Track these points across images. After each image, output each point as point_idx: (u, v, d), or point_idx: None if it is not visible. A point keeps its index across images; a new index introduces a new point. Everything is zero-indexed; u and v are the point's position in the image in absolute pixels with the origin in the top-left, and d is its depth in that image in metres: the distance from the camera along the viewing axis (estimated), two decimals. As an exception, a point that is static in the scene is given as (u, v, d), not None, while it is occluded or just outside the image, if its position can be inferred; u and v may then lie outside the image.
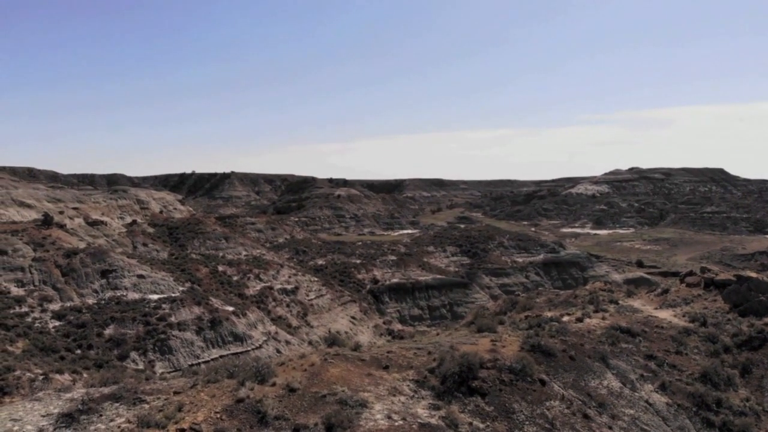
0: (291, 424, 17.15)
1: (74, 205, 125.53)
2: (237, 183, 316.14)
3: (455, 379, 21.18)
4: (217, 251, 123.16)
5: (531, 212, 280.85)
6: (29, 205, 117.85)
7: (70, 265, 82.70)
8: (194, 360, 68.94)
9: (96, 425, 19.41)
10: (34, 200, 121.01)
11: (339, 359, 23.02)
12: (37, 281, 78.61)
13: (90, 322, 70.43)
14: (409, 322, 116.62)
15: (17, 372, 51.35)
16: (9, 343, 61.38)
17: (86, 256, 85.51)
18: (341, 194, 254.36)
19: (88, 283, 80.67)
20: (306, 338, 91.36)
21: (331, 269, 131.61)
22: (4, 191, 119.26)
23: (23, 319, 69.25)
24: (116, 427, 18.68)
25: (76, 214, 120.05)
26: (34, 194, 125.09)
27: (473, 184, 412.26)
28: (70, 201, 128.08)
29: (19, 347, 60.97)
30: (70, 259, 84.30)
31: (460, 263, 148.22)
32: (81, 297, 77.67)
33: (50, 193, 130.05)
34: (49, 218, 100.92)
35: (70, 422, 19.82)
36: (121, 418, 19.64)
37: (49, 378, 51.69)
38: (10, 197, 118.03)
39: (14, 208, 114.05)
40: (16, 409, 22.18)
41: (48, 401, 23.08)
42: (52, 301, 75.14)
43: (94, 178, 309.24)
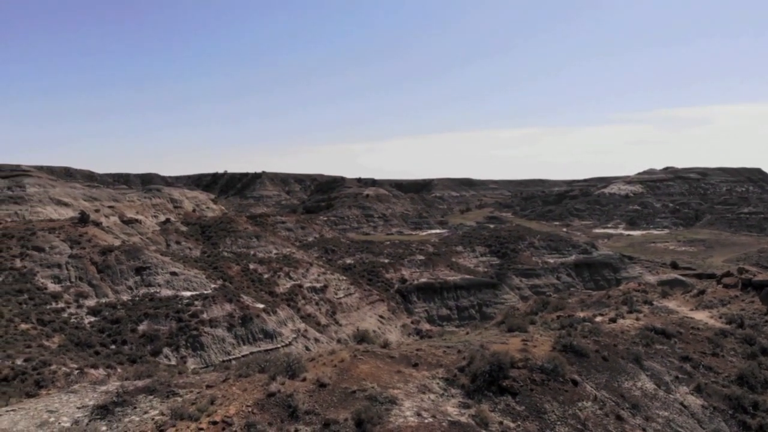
0: (321, 418, 17.24)
1: (110, 204, 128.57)
2: (268, 183, 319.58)
3: (485, 378, 20.99)
4: (248, 249, 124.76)
5: (562, 212, 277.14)
6: (66, 203, 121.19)
7: (105, 262, 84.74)
8: (225, 356, 69.98)
9: (130, 417, 19.79)
10: (71, 199, 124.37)
11: (368, 356, 23.06)
12: (73, 278, 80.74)
13: (124, 318, 72.11)
14: (437, 322, 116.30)
15: (53, 366, 52.90)
16: (45, 338, 63.22)
17: (121, 254, 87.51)
18: (370, 194, 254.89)
19: (123, 279, 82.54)
20: (335, 336, 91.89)
21: (359, 268, 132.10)
22: (42, 190, 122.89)
23: (59, 314, 71.25)
24: (150, 419, 19.02)
25: (112, 212, 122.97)
26: (71, 193, 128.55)
27: (503, 183, 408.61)
28: (105, 200, 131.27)
29: (56, 342, 62.75)
30: (105, 256, 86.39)
31: (490, 264, 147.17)
32: (116, 293, 79.52)
33: (87, 192, 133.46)
34: (86, 216, 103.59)
35: (105, 414, 20.23)
36: (155, 410, 20.01)
37: (84, 372, 53.10)
38: (48, 196, 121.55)
39: (52, 207, 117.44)
40: (52, 401, 22.76)
41: (83, 394, 23.64)
42: (88, 297, 77.10)
43: (129, 177, 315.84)
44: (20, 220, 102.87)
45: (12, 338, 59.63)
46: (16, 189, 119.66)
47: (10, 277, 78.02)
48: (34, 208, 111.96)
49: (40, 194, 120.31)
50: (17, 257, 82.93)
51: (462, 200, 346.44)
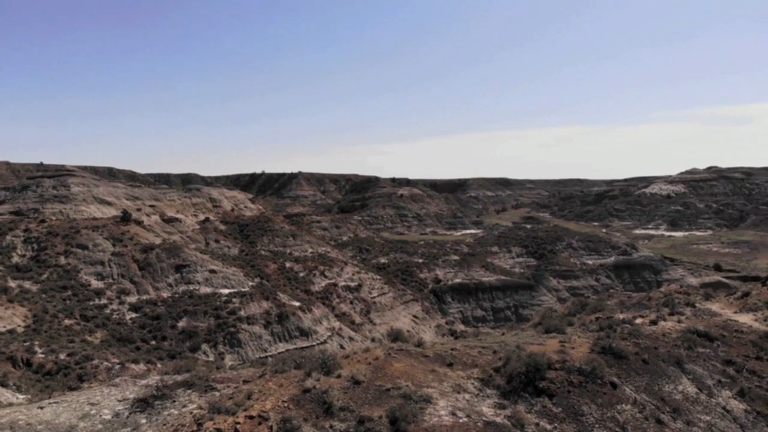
0: (356, 415, 17.29)
1: (151, 203, 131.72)
2: (304, 182, 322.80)
3: (521, 379, 20.73)
4: (284, 248, 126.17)
5: (602, 213, 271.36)
6: (109, 202, 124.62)
7: (146, 260, 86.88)
8: (262, 353, 70.90)
9: (169, 410, 20.21)
10: (114, 198, 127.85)
11: (402, 354, 23.03)
12: (115, 275, 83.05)
13: (164, 315, 73.79)
14: (472, 323, 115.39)
15: (95, 361, 54.51)
16: (88, 333, 65.21)
17: (162, 252, 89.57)
18: (404, 193, 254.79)
19: (163, 277, 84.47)
20: (369, 335, 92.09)
21: (393, 268, 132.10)
22: (86, 189, 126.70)
23: (102, 310, 73.38)
24: (188, 412, 19.37)
25: (153, 211, 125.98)
26: (114, 192, 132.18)
27: (540, 183, 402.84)
28: (147, 199, 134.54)
29: (98, 337, 64.66)
30: (146, 254, 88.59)
31: (526, 264, 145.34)
32: (156, 290, 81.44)
33: (129, 192, 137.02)
34: (128, 215, 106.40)
35: (144, 407, 20.71)
36: (193, 404, 20.39)
37: (125, 366, 54.56)
38: (92, 195, 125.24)
39: (95, 205, 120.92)
40: (93, 394, 23.39)
41: (124, 387, 24.25)
42: (130, 293, 79.18)
43: (170, 177, 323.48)
44: (65, 218, 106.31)
45: (56, 333, 61.67)
46: (61, 188, 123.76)
47: (55, 274, 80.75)
48: (78, 207, 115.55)
49: (84, 193, 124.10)
50: (62, 255, 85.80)
51: (498, 200, 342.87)
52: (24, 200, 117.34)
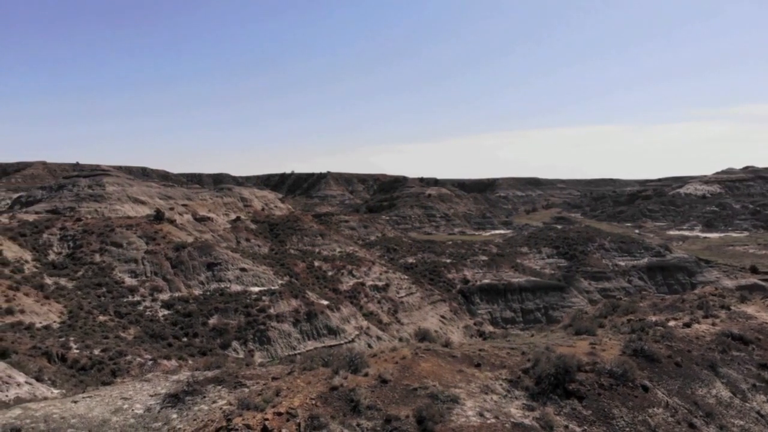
0: (383, 414, 17.30)
1: (183, 202, 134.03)
2: (332, 182, 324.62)
3: (551, 381, 20.47)
4: (313, 247, 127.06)
5: (635, 213, 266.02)
6: (143, 201, 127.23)
7: (179, 258, 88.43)
8: (291, 351, 71.49)
9: (200, 406, 20.56)
10: (147, 197, 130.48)
11: (430, 354, 22.97)
12: (148, 272, 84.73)
13: (196, 312, 74.99)
14: (500, 325, 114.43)
15: (128, 356, 55.59)
16: (122, 329, 66.60)
17: (194, 250, 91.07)
18: (432, 193, 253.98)
19: (195, 275, 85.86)
20: (396, 335, 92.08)
21: (421, 268, 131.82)
22: (120, 189, 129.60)
23: (135, 307, 74.93)
24: (218, 408, 19.67)
25: (185, 210, 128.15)
26: (147, 192, 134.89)
27: (571, 183, 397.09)
28: (179, 198, 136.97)
29: (131, 334, 66.01)
30: (179, 252, 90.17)
31: (557, 265, 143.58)
32: (188, 288, 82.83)
33: (162, 191, 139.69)
34: (161, 214, 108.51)
35: (175, 402, 21.11)
36: (223, 400, 20.70)
37: (157, 362, 55.54)
38: (126, 194, 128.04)
39: (129, 204, 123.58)
40: (126, 389, 23.93)
41: (156, 382, 24.74)
42: (162, 291, 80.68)
43: (202, 177, 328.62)
44: (100, 217, 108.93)
45: (90, 329, 63.11)
46: (96, 188, 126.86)
47: (90, 271, 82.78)
48: (112, 206, 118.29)
49: (118, 193, 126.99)
50: (97, 252, 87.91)
51: (528, 200, 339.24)
52: (60, 199, 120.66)
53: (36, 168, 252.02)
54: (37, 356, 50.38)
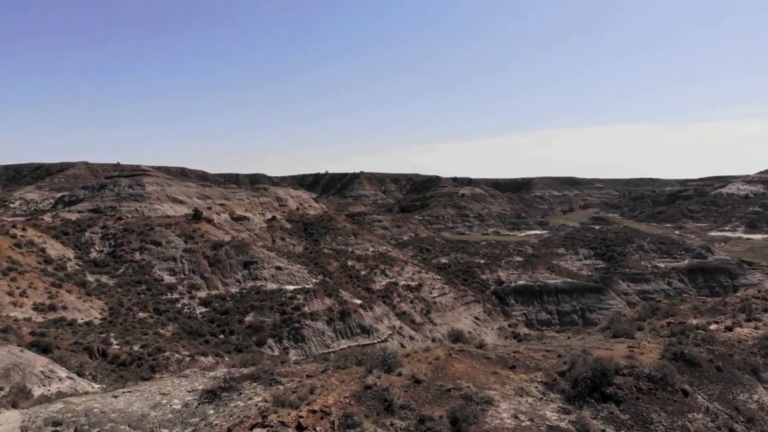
0: (416, 414, 17.27)
1: (221, 202, 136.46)
2: (365, 182, 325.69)
3: (587, 384, 20.08)
4: (346, 247, 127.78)
5: (675, 213, 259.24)
6: (181, 201, 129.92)
7: (216, 257, 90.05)
8: (324, 349, 72.04)
9: (236, 402, 20.87)
10: (186, 197, 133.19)
11: (464, 355, 22.83)
12: (187, 270, 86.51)
13: (232, 310, 76.23)
14: (536, 327, 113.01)
15: (167, 353, 56.80)
16: (161, 326, 68.16)
17: (231, 249, 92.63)
18: (465, 193, 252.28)
19: (232, 273, 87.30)
20: (429, 335, 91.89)
21: (454, 268, 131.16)
22: (159, 188, 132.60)
23: (174, 304, 76.61)
24: (254, 405, 19.94)
25: (223, 209, 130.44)
26: (186, 191, 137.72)
27: (610, 182, 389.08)
28: (217, 198, 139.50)
29: (170, 330, 67.48)
30: (216, 250, 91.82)
31: (594, 267, 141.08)
32: (225, 286, 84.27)
33: (200, 191, 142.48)
34: (199, 213, 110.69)
35: (212, 398, 21.49)
36: (259, 397, 20.97)
37: (194, 359, 56.59)
38: (165, 194, 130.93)
39: (168, 204, 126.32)
40: (165, 384, 24.46)
41: (194, 378, 25.23)
42: (200, 289, 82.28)
43: (238, 177, 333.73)
44: (140, 216, 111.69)
45: (131, 326, 64.77)
46: (136, 187, 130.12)
47: (130, 269, 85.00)
48: (152, 205, 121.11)
49: (158, 192, 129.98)
50: (137, 251, 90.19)
51: (564, 200, 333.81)
52: (102, 199, 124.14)
53: (78, 168, 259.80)
54: (79, 352, 51.75)
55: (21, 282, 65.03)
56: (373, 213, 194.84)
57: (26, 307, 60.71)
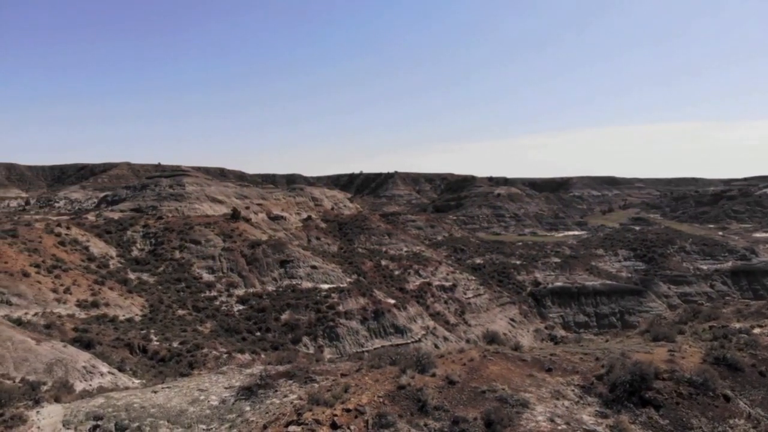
0: (450, 415, 17.21)
1: (258, 202, 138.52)
2: (399, 182, 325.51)
3: (626, 388, 19.68)
4: (380, 246, 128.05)
5: (718, 214, 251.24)
6: (220, 200, 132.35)
7: (253, 255, 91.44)
8: (358, 348, 72.39)
9: (272, 399, 21.17)
10: (225, 197, 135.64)
11: (499, 357, 22.64)
12: (225, 269, 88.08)
13: (269, 308, 77.29)
14: (573, 329, 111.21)
15: (205, 349, 57.94)
16: (199, 323, 69.57)
17: (268, 248, 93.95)
18: (501, 193, 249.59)
19: (269, 271, 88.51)
20: (463, 336, 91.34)
21: (489, 269, 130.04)
22: (199, 188, 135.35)
23: (212, 302, 78.09)
24: (289, 402, 20.20)
25: (260, 209, 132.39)
26: (225, 191, 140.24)
27: (651, 182, 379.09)
28: (255, 198, 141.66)
29: (208, 327, 68.82)
30: (254, 249, 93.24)
31: (634, 268, 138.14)
32: (262, 284, 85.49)
33: (238, 191, 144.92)
34: (237, 213, 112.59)
35: (249, 395, 21.85)
36: (294, 394, 21.24)
37: (231, 356, 57.60)
38: (204, 194, 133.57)
39: (207, 204, 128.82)
40: (202, 380, 24.97)
41: (231, 375, 25.68)
42: (238, 287, 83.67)
43: (275, 177, 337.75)
44: (180, 215, 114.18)
45: (170, 323, 66.28)
46: (176, 187, 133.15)
47: (170, 267, 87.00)
48: (192, 205, 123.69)
49: (197, 192, 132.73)
50: (177, 249, 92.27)
51: (604, 200, 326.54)
52: (143, 198, 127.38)
53: (121, 168, 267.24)
54: (120, 347, 53.18)
55: (65, 279, 67.14)
56: (407, 213, 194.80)
57: (70, 303, 62.65)
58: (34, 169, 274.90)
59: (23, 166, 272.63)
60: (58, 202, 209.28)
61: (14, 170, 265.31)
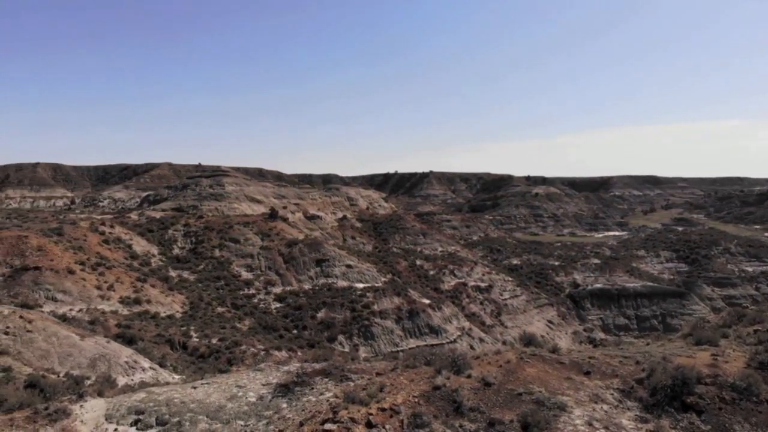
0: (486, 417, 17.11)
1: (295, 201, 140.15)
2: (434, 182, 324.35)
3: (667, 393, 19.23)
4: (415, 246, 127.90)
5: (765, 214, 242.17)
6: (259, 200, 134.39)
7: (290, 254, 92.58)
8: (393, 347, 72.48)
9: (308, 397, 21.42)
10: (263, 196, 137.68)
11: (536, 359, 22.40)
12: (263, 267, 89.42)
13: (305, 306, 78.13)
14: (613, 332, 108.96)
15: (243, 346, 58.88)
16: (238, 320, 70.77)
17: (304, 246, 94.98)
18: (539, 192, 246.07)
19: (305, 270, 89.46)
20: (500, 337, 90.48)
21: (526, 270, 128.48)
22: (238, 188, 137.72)
23: (251, 300, 79.36)
24: (325, 400, 20.40)
25: (297, 209, 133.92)
26: (263, 191, 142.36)
27: (694, 181, 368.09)
28: (292, 197, 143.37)
29: (246, 325, 69.95)
30: (291, 248, 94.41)
31: (676, 270, 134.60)
32: (299, 282, 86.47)
33: (276, 191, 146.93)
34: (275, 212, 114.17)
35: (285, 392, 22.15)
36: (330, 392, 21.44)
37: (269, 353, 58.40)
38: (243, 194, 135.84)
39: (246, 203, 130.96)
40: (240, 377, 25.40)
41: (268, 372, 26.06)
42: (275, 285, 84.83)
43: (312, 177, 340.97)
44: (220, 214, 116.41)
45: (210, 320, 67.58)
46: (216, 187, 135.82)
47: (210, 265, 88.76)
48: (231, 204, 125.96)
49: (236, 192, 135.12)
50: (216, 247, 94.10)
51: (645, 200, 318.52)
52: (184, 198, 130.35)
53: (162, 169, 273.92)
54: (161, 343, 54.49)
55: (109, 276, 69.15)
56: (442, 212, 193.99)
57: (113, 300, 64.48)
58: (79, 170, 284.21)
59: (69, 167, 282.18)
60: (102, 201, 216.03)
61: (60, 171, 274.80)
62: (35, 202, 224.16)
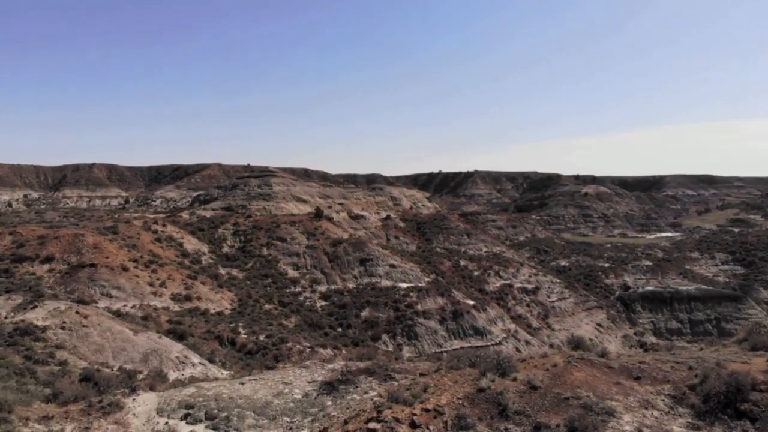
0: (532, 421, 16.92)
1: (340, 201, 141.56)
2: (479, 181, 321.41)
3: (720, 399, 18.57)
4: (459, 246, 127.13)
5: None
6: (304, 200, 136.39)
7: (335, 253, 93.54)
8: (437, 348, 72.25)
9: (352, 395, 21.65)
10: (309, 196, 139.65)
11: (584, 363, 21.97)
12: (309, 266, 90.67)
13: (350, 304, 78.78)
14: (665, 336, 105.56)
15: (289, 343, 59.75)
16: (284, 318, 71.94)
17: (348, 246, 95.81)
18: (588, 192, 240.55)
19: (349, 269, 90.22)
20: (547, 341, 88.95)
21: (575, 271, 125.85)
22: (285, 188, 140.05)
23: (297, 297, 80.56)
24: (369, 399, 20.58)
25: (341, 208, 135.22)
26: (309, 191, 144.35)
27: (751, 181, 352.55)
28: (336, 197, 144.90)
29: (292, 322, 71.04)
30: (335, 247, 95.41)
31: (732, 273, 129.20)
32: (343, 281, 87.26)
33: (321, 191, 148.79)
34: (320, 212, 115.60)
35: (330, 390, 22.44)
36: (374, 391, 21.61)
37: (314, 350, 59.08)
38: (290, 193, 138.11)
39: (293, 203, 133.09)
40: (287, 374, 25.86)
41: (313, 370, 26.45)
42: (320, 283, 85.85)
43: (356, 177, 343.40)
44: (267, 214, 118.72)
45: (257, 317, 68.91)
46: (264, 187, 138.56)
47: (258, 263, 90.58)
48: (278, 204, 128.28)
49: (283, 192, 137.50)
50: (264, 246, 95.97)
51: (700, 200, 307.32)
52: (234, 197, 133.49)
53: (212, 169, 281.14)
54: (210, 339, 55.82)
55: (161, 274, 71.40)
56: (487, 212, 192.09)
57: (165, 297, 66.51)
58: (132, 170, 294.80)
59: (123, 167, 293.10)
60: (155, 200, 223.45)
61: (115, 171, 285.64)
62: (91, 201, 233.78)
